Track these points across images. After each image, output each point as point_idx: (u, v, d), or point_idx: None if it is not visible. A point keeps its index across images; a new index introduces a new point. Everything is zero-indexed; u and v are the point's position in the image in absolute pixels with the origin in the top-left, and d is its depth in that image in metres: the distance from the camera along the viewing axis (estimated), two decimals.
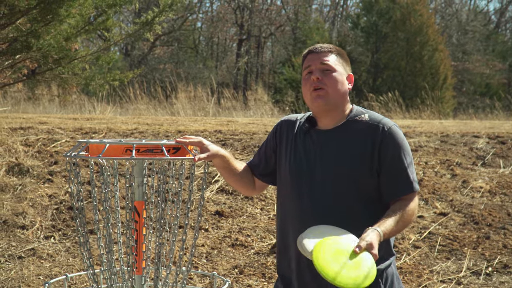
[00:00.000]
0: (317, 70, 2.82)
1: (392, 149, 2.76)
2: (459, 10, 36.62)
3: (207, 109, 16.34)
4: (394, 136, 2.77)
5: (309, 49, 2.91)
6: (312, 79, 2.81)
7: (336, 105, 2.83)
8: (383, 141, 2.75)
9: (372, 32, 27.46)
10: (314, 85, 2.81)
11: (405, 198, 2.75)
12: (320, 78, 2.80)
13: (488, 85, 30.41)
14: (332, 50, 2.87)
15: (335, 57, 2.85)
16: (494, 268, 5.97)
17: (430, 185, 7.57)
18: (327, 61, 2.82)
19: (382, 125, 2.78)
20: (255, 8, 32.20)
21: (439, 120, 15.63)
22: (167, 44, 32.01)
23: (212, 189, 6.89)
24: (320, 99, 2.81)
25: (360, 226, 2.72)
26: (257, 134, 9.02)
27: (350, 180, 2.75)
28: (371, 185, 2.76)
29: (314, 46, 2.90)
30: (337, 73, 2.83)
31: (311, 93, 2.82)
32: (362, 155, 2.75)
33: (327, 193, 2.76)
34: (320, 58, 2.84)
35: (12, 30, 6.70)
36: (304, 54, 2.93)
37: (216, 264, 5.63)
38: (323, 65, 2.82)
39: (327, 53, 2.85)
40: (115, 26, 7.52)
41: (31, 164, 6.88)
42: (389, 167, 2.75)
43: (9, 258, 5.43)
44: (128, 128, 9.26)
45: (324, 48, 2.87)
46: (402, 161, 2.76)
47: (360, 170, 2.74)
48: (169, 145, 2.79)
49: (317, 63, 2.83)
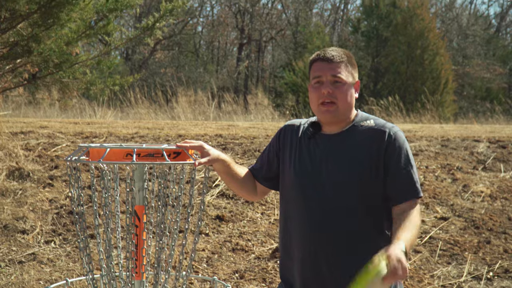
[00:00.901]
0: (327, 83, 2.77)
1: (398, 154, 2.75)
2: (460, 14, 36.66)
3: (207, 113, 16.35)
4: (399, 142, 2.77)
5: (319, 56, 2.84)
6: (322, 92, 2.77)
7: (344, 117, 2.82)
8: (388, 146, 2.75)
9: (372, 36, 27.51)
10: (324, 98, 2.77)
11: (410, 203, 2.75)
12: (331, 91, 2.76)
13: (488, 89, 30.43)
14: (343, 59, 2.80)
15: (346, 67, 2.80)
16: (495, 273, 5.96)
17: (430, 189, 7.56)
18: (338, 73, 2.77)
19: (387, 130, 2.77)
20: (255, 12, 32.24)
21: (440, 124, 15.63)
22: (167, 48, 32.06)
23: (212, 193, 6.88)
24: (330, 114, 2.79)
25: (363, 231, 2.73)
26: (258, 138, 9.01)
27: (355, 185, 2.75)
28: (375, 190, 2.76)
29: (324, 53, 2.82)
30: (347, 86, 2.78)
31: (320, 105, 2.79)
32: (367, 160, 2.75)
33: (331, 197, 2.76)
34: (331, 69, 2.77)
35: (13, 34, 6.71)
36: (313, 59, 2.86)
37: (216, 269, 5.62)
38: (335, 77, 2.77)
39: (339, 64, 2.78)
40: (116, 31, 7.52)
41: (31, 169, 6.88)
42: (395, 172, 2.75)
43: (9, 263, 5.42)
44: (128, 132, 9.26)
45: (335, 57, 2.79)
46: (407, 166, 2.76)
47: (364, 175, 2.74)
48: (170, 150, 2.79)
49: (328, 74, 2.77)
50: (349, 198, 2.75)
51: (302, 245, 2.82)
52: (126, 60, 29.91)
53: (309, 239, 2.79)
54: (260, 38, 33.18)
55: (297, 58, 26.51)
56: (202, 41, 35.62)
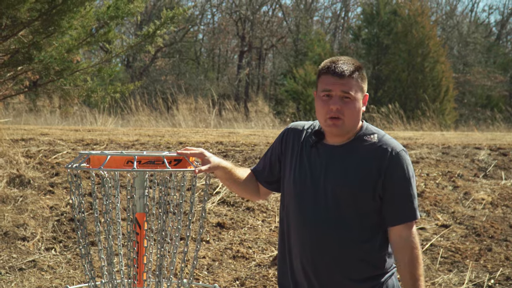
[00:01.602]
0: (337, 98, 2.74)
1: (398, 175, 2.74)
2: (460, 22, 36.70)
3: (208, 120, 16.36)
4: (401, 162, 2.75)
5: (330, 68, 2.77)
6: (331, 108, 2.74)
7: (349, 130, 2.80)
8: (389, 166, 2.74)
9: (373, 44, 27.52)
10: (332, 114, 2.75)
11: (406, 225, 2.75)
12: (340, 107, 2.73)
13: (489, 97, 30.41)
14: (354, 74, 2.75)
15: (356, 83, 2.75)
16: (497, 280, 5.95)
17: (431, 197, 7.55)
18: (348, 89, 2.73)
19: (390, 149, 2.75)
20: (256, 20, 32.29)
21: (441, 132, 15.63)
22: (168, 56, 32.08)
23: (213, 200, 6.88)
24: (336, 128, 2.77)
25: (357, 244, 2.74)
26: (259, 146, 9.01)
27: (352, 198, 2.74)
28: (372, 206, 2.76)
29: (335, 66, 2.75)
30: (356, 102, 2.76)
31: (327, 119, 2.76)
32: (367, 175, 2.74)
33: (328, 208, 2.76)
34: (342, 85, 2.73)
35: (14, 41, 6.72)
36: (324, 71, 2.80)
37: (217, 276, 5.61)
38: (344, 93, 2.74)
39: (350, 80, 2.73)
40: (117, 38, 7.53)
41: (32, 176, 6.87)
42: (393, 193, 2.74)
43: (9, 270, 5.41)
44: (129, 139, 9.26)
45: (346, 72, 2.74)
46: (407, 188, 2.75)
47: (363, 190, 2.74)
48: (171, 157, 2.79)
49: (338, 90, 2.74)
50: (346, 212, 2.75)
51: (298, 252, 2.82)
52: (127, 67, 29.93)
53: (305, 248, 2.79)
54: (261, 46, 33.21)
55: (298, 65, 26.51)
56: (202, 49, 35.66)
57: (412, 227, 2.76)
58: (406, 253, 2.72)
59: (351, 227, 2.75)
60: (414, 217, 2.76)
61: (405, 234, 2.73)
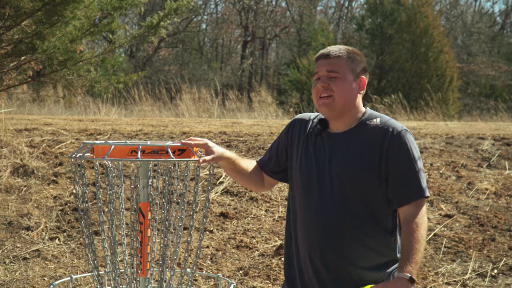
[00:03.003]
0: (324, 77, 2.80)
1: (400, 154, 2.73)
2: (464, 12, 36.57)
3: (211, 110, 16.35)
4: (402, 141, 2.74)
5: (319, 54, 2.87)
6: (318, 87, 2.80)
7: (342, 112, 2.81)
8: (390, 145, 2.73)
9: (377, 34, 27.47)
10: (321, 93, 2.80)
11: (414, 204, 2.72)
12: (326, 85, 2.78)
13: (493, 86, 30.36)
14: (342, 54, 2.81)
15: (344, 62, 2.80)
16: (500, 270, 5.95)
17: (435, 187, 7.55)
18: (334, 68, 2.79)
19: (391, 129, 2.75)
20: (260, 10, 32.22)
21: (444, 122, 15.60)
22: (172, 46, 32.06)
23: (217, 190, 6.88)
24: (325, 107, 2.80)
25: (365, 231, 2.74)
26: (262, 136, 9.01)
27: (358, 184, 2.74)
28: (379, 189, 2.75)
29: (323, 51, 2.86)
30: (344, 80, 2.79)
31: (318, 100, 2.82)
32: (371, 159, 2.74)
33: (335, 195, 2.76)
34: (327, 64, 2.80)
35: (17, 32, 6.71)
36: (315, 58, 2.90)
37: (220, 266, 5.62)
38: (330, 72, 2.79)
39: (335, 59, 2.80)
40: (120, 29, 7.51)
41: (36, 166, 6.89)
42: (397, 172, 2.73)
43: (14, 259, 5.43)
44: (133, 129, 9.26)
45: (332, 53, 2.82)
46: (410, 166, 2.73)
47: (368, 174, 2.73)
48: (174, 147, 2.79)
49: (324, 70, 2.80)
50: (353, 198, 2.75)
51: (305, 241, 2.82)
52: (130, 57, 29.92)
53: (311, 236, 2.80)
54: (264, 36, 33.16)
55: (301, 55, 26.48)
56: (206, 39, 35.63)
57: (421, 206, 2.71)
58: (410, 231, 2.67)
59: (357, 214, 2.74)
60: (420, 195, 2.72)
61: (413, 213, 2.69)
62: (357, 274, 2.75)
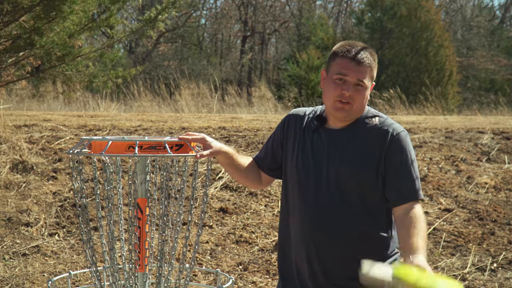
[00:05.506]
0: (351, 85, 2.73)
1: (399, 155, 2.74)
2: (464, 6, 36.52)
3: (211, 105, 16.34)
4: (402, 142, 2.75)
5: (349, 53, 2.75)
6: (343, 93, 2.72)
7: (354, 118, 2.80)
8: (390, 146, 2.73)
9: (376, 28, 27.43)
10: (343, 98, 2.74)
11: (410, 205, 2.72)
12: (352, 95, 2.73)
13: (492, 80, 30.34)
14: (371, 63, 2.75)
15: (370, 71, 2.76)
16: (499, 264, 5.95)
17: (434, 181, 7.55)
18: (363, 77, 2.73)
19: (391, 130, 2.75)
20: (259, 5, 32.18)
21: (444, 116, 15.60)
22: (171, 41, 32.03)
23: (216, 185, 6.88)
24: (344, 112, 2.76)
25: (361, 229, 2.74)
26: (261, 131, 9.01)
27: (355, 181, 2.74)
28: (375, 189, 2.75)
29: (355, 54, 2.74)
30: (366, 89, 2.76)
31: (336, 102, 2.75)
32: (369, 157, 2.74)
33: (331, 192, 2.76)
34: (358, 73, 2.72)
35: (15, 27, 6.69)
36: (341, 54, 2.77)
37: (220, 261, 5.62)
38: (359, 81, 2.73)
39: (366, 68, 2.74)
40: (119, 23, 7.50)
41: (35, 162, 6.88)
42: (395, 173, 2.74)
43: (13, 255, 5.43)
44: (132, 125, 9.26)
45: (364, 60, 2.73)
46: (408, 167, 2.75)
47: (365, 172, 2.74)
48: (172, 142, 2.78)
49: (354, 77, 2.72)
50: (349, 195, 2.75)
51: (300, 239, 2.82)
52: (130, 53, 29.89)
53: (306, 234, 2.79)
54: (264, 31, 33.12)
55: (301, 50, 26.45)
56: (205, 34, 35.57)
57: (417, 204, 2.72)
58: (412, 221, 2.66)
59: (354, 211, 2.74)
60: (416, 196, 2.73)
61: (411, 209, 2.69)
62: (352, 270, 2.74)
